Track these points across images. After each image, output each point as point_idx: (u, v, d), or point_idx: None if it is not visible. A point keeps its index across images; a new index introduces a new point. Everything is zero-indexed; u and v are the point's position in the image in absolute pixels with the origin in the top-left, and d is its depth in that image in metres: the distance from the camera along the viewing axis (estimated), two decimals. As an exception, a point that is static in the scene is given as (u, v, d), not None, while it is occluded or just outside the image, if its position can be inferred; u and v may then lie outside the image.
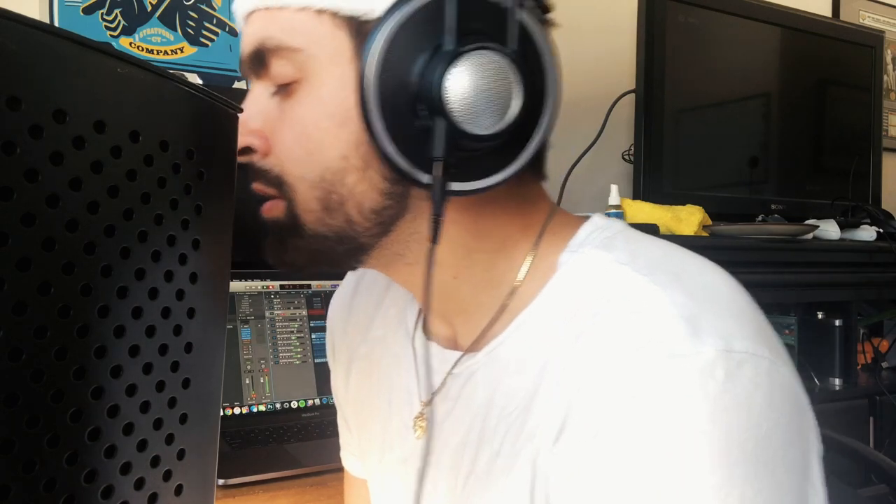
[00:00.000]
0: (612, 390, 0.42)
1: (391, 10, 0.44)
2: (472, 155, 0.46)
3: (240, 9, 0.51)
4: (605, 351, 0.44)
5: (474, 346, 0.54)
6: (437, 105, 0.43)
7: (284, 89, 0.50)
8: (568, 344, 0.46)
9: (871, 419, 1.68)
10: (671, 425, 0.40)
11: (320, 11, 0.47)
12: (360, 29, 0.46)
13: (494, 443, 0.50)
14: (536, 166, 0.54)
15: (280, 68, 0.49)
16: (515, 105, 0.44)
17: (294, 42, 0.48)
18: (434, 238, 0.45)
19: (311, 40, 0.47)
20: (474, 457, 0.52)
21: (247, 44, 0.50)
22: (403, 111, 0.44)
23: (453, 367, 0.55)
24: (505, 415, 0.50)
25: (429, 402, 0.57)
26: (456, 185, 0.46)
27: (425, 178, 0.45)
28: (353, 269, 0.54)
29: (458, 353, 0.55)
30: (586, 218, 0.55)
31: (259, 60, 0.50)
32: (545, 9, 0.50)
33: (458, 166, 0.45)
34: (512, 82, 0.44)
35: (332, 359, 0.75)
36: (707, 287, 0.46)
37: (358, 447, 0.71)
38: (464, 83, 0.43)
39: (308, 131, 0.48)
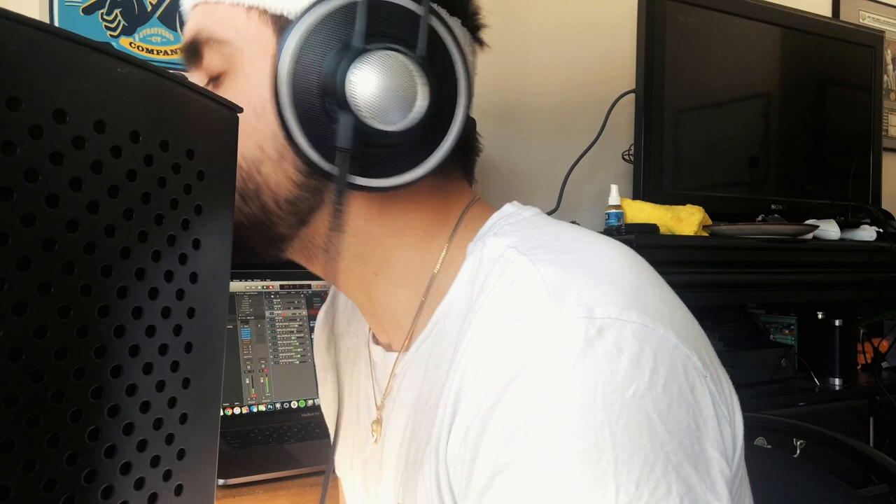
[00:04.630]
0: (487, 371, 0.43)
1: (308, 10, 0.47)
2: (381, 152, 0.48)
3: (185, 2, 0.54)
4: (485, 333, 0.44)
5: (406, 346, 0.56)
6: (342, 99, 0.46)
7: (214, 81, 0.52)
8: (464, 331, 0.47)
9: (871, 419, 1.68)
10: (535, 396, 0.40)
11: (250, 8, 0.50)
12: (284, 27, 0.48)
13: (418, 437, 0.51)
14: (464, 164, 0.57)
15: (211, 60, 0.51)
16: (420, 105, 0.47)
17: (224, 34, 0.50)
18: (335, 227, 0.49)
19: (240, 35, 0.50)
20: (407, 452, 0.53)
21: (185, 34, 0.53)
22: (314, 105, 0.47)
23: (393, 369, 0.57)
24: (426, 409, 0.51)
25: (381, 406, 0.59)
26: (365, 181, 0.49)
27: (333, 169, 0.48)
28: (276, 259, 0.56)
29: (395, 355, 0.57)
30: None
31: (194, 51, 0.52)
32: (473, 27, 0.55)
33: (366, 161, 0.48)
34: (417, 83, 0.47)
35: (317, 367, 0.78)
36: (585, 261, 0.46)
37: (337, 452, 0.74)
38: (368, 79, 0.45)
39: None
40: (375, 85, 0.45)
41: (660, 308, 0.44)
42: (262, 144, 0.50)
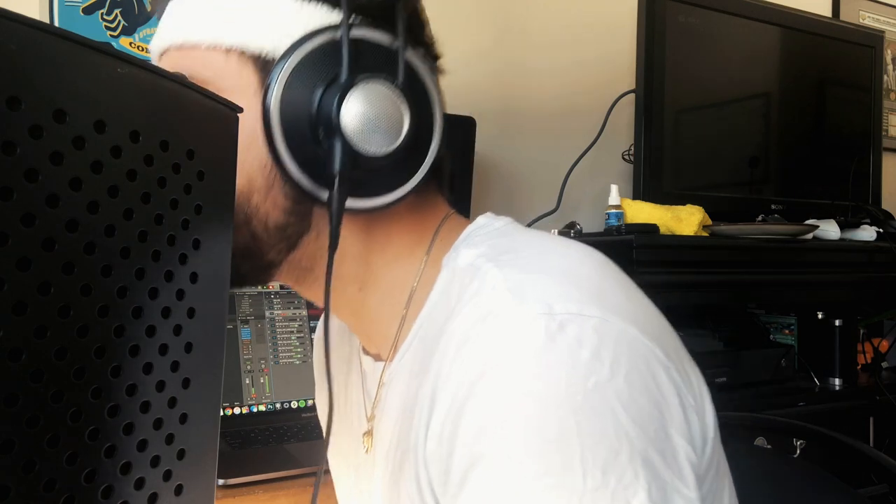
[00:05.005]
0: (457, 370, 0.45)
1: (291, 49, 0.50)
2: (367, 175, 0.51)
3: (155, 47, 0.57)
4: (455, 337, 0.47)
5: (392, 356, 0.58)
6: (334, 128, 0.48)
7: None
8: (440, 339, 0.49)
9: (871, 419, 1.68)
10: (501, 390, 0.43)
11: (229, 50, 0.52)
12: (264, 66, 0.51)
13: (402, 442, 0.53)
14: (438, 181, 0.59)
15: None
16: (405, 130, 0.50)
17: (204, 75, 0.52)
18: (333, 245, 0.50)
19: (220, 75, 0.52)
20: (393, 458, 0.55)
21: None
22: (304, 136, 0.50)
23: (381, 378, 0.59)
24: (408, 415, 0.53)
25: (371, 417, 0.61)
26: (353, 202, 0.51)
27: (325, 194, 0.50)
28: (262, 284, 0.57)
29: (383, 364, 0.59)
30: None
31: None
32: (434, 56, 0.57)
33: (353, 184, 0.50)
34: (401, 110, 0.50)
35: (315, 374, 0.80)
36: (547, 263, 0.49)
37: (330, 457, 0.76)
38: (358, 108, 0.48)
39: None
40: (366, 113, 0.48)
41: (621, 304, 0.47)
42: (252, 176, 0.52)
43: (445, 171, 0.60)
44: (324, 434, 0.54)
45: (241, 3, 0.52)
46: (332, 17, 0.50)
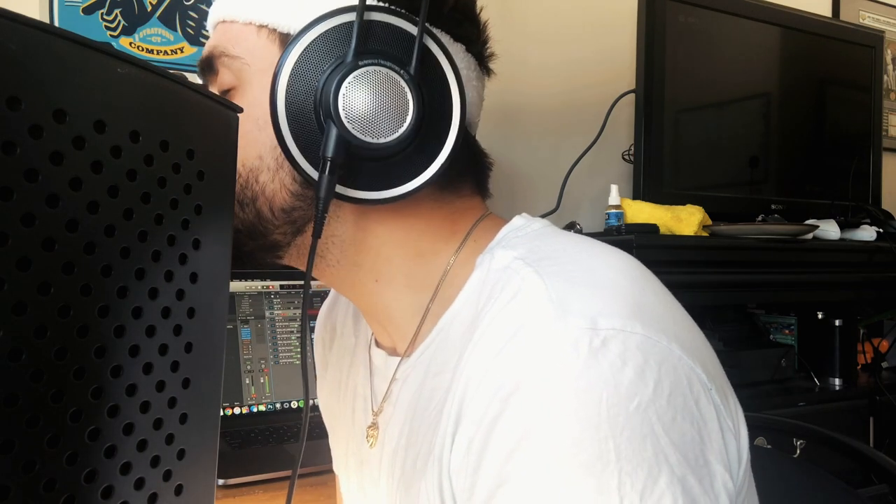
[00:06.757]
0: (490, 381, 0.43)
1: (305, 28, 0.49)
2: (373, 165, 0.49)
3: (210, 20, 0.57)
4: (488, 343, 0.45)
5: (409, 351, 0.57)
6: (331, 111, 0.47)
7: (225, 95, 0.54)
8: (468, 340, 0.47)
9: (871, 419, 1.68)
10: (537, 407, 0.40)
11: (260, 27, 0.52)
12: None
13: (417, 445, 0.52)
14: (475, 180, 0.58)
15: (223, 75, 0.54)
16: (409, 120, 0.48)
17: (235, 51, 0.53)
18: (316, 233, 0.49)
19: (249, 51, 0.52)
20: (404, 459, 0.54)
21: (204, 50, 0.56)
22: (308, 118, 0.49)
23: (395, 373, 0.58)
24: (426, 417, 0.51)
25: (379, 411, 0.60)
26: (353, 193, 0.50)
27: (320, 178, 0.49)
28: (274, 265, 0.58)
29: (398, 360, 0.58)
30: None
31: (209, 65, 0.55)
32: (479, 55, 0.57)
33: (357, 173, 0.49)
34: (407, 99, 0.48)
35: (317, 365, 0.79)
36: (590, 272, 0.47)
37: (333, 449, 0.76)
38: (358, 94, 0.47)
39: None
40: (365, 99, 0.47)
41: (665, 320, 0.45)
42: (262, 154, 0.52)
43: (484, 170, 0.58)
44: (328, 428, 0.52)
45: None
46: None
